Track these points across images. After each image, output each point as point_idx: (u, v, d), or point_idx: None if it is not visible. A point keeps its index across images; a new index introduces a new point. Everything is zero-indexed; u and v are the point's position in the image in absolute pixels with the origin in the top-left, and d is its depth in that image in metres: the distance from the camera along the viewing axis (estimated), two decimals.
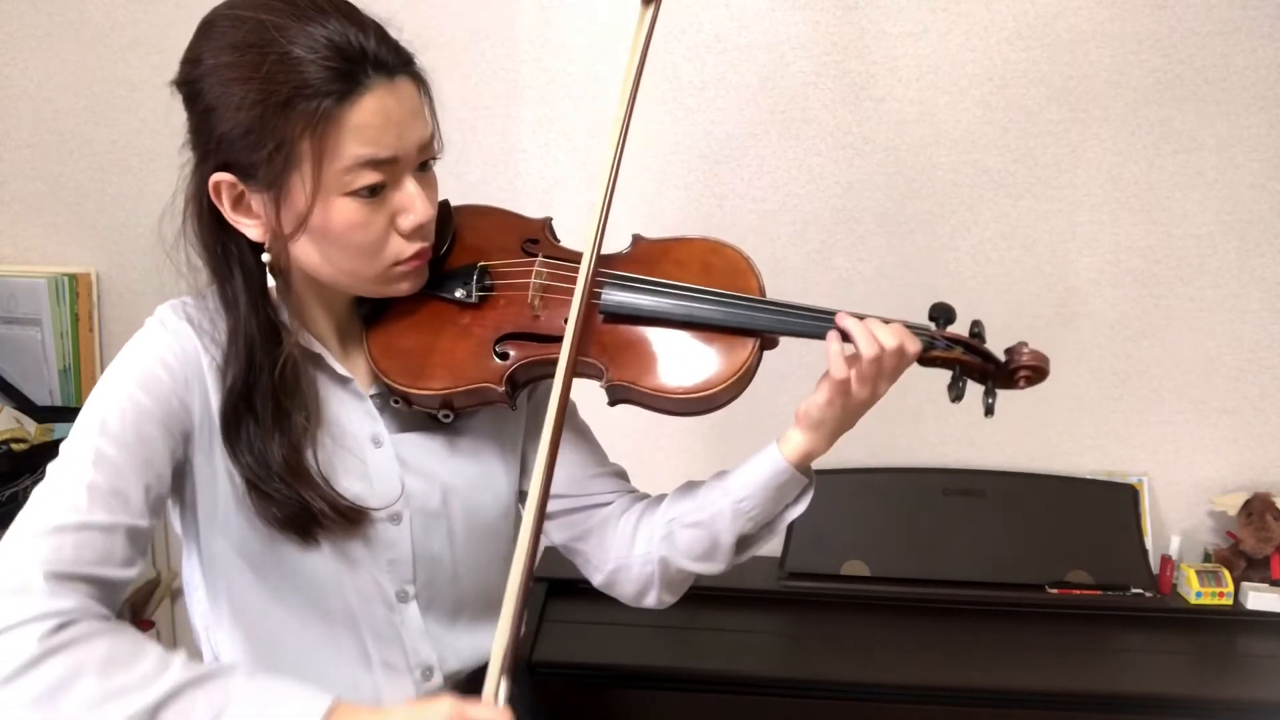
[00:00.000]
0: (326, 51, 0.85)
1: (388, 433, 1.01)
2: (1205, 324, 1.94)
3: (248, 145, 0.87)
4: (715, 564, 1.05)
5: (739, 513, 1.01)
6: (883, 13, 1.86)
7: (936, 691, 1.60)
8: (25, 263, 2.02)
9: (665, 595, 1.09)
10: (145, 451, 0.88)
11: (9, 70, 1.97)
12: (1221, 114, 1.86)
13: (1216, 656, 1.73)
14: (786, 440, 1.00)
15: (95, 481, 0.85)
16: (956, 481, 1.91)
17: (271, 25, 0.85)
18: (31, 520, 0.84)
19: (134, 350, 0.94)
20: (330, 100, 0.85)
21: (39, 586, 0.79)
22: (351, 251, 0.92)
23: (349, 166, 0.87)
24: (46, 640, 0.77)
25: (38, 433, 1.80)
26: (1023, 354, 1.02)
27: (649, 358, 0.97)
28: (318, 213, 0.89)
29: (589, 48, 1.90)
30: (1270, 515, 1.86)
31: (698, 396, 0.96)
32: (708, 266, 1.01)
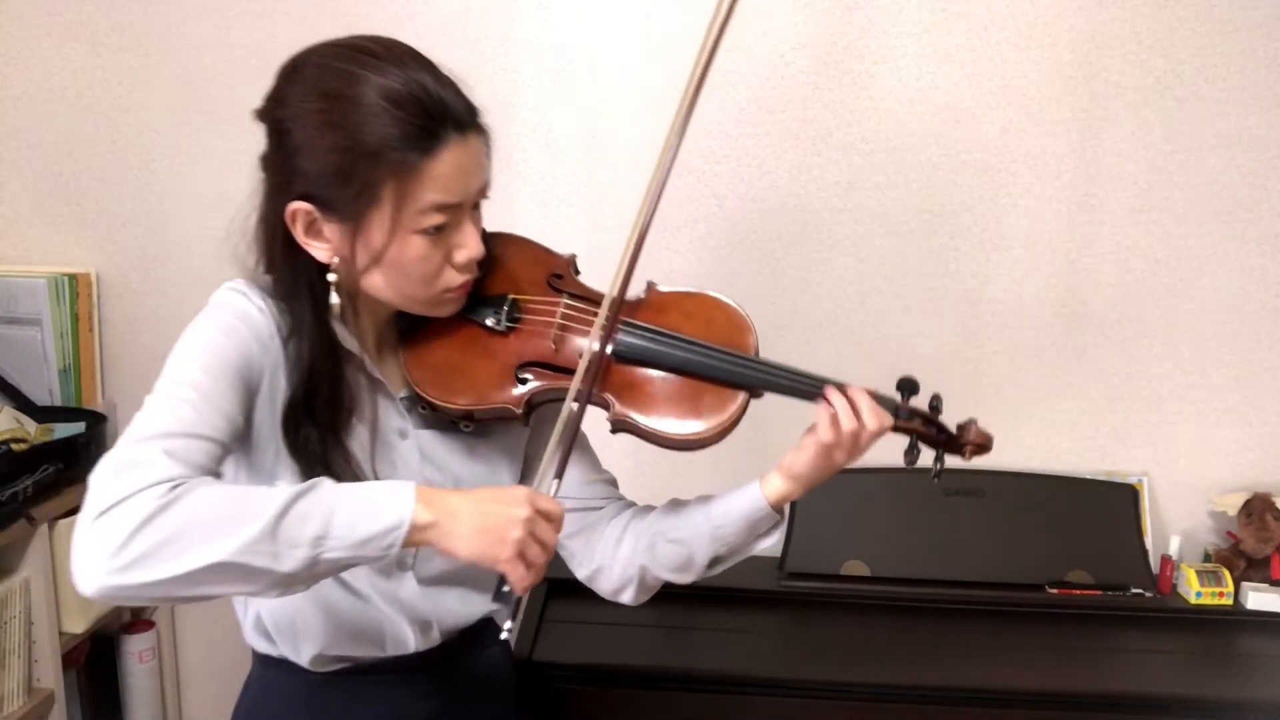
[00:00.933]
0: (413, 109, 0.96)
1: (413, 428, 1.12)
2: (1205, 324, 1.94)
3: (334, 184, 0.97)
4: (688, 576, 1.16)
5: (716, 538, 1.13)
6: (883, 13, 1.86)
7: (936, 691, 1.60)
8: (25, 263, 2.02)
9: (640, 595, 1.21)
10: (229, 385, 0.97)
11: (9, 70, 1.97)
12: (1221, 114, 1.86)
13: (1216, 656, 1.73)
14: (768, 483, 1.11)
15: (193, 400, 0.94)
16: (956, 481, 1.91)
17: (361, 78, 0.96)
18: (143, 426, 0.91)
19: (216, 308, 1.03)
20: (415, 154, 0.96)
21: (156, 460, 0.87)
22: (412, 279, 1.03)
23: (423, 209, 0.98)
24: (165, 496, 0.85)
25: (38, 433, 1.80)
26: (970, 431, 1.16)
27: (651, 400, 1.09)
28: (389, 246, 1.00)
29: (589, 48, 1.90)
30: (1270, 515, 1.86)
31: (688, 438, 1.08)
32: (711, 320, 1.13)
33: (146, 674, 2.08)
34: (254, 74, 1.02)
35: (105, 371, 2.07)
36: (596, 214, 1.95)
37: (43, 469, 1.74)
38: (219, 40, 1.93)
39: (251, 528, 0.85)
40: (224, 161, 1.98)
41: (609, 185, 1.95)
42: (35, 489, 1.73)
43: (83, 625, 1.84)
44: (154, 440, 0.89)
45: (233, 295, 1.04)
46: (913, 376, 1.16)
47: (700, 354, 1.09)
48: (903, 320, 1.97)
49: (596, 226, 1.95)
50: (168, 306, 2.04)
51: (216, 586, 0.86)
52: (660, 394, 1.09)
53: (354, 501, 0.90)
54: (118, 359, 2.07)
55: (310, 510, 0.88)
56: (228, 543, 0.84)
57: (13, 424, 1.75)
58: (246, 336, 1.01)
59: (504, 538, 0.92)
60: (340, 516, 0.88)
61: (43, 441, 1.78)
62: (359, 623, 1.11)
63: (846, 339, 1.98)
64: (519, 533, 0.93)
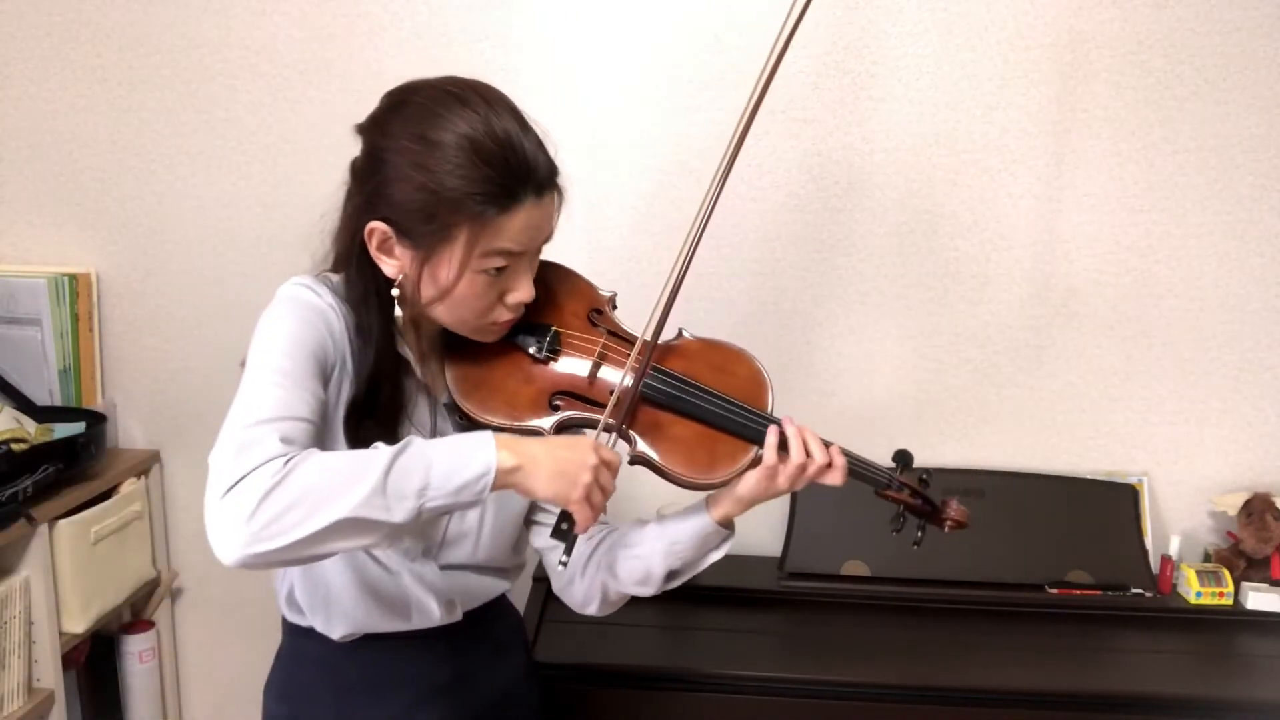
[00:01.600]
0: (500, 167, 1.03)
1: (446, 430, 1.20)
2: (1205, 324, 1.94)
3: (415, 218, 1.05)
4: (648, 588, 1.24)
5: (670, 553, 1.21)
6: (883, 13, 1.86)
7: (936, 691, 1.60)
8: (25, 263, 2.02)
9: (605, 608, 1.30)
10: (312, 372, 1.05)
11: (9, 70, 1.97)
12: (1221, 114, 1.86)
13: (1216, 656, 1.73)
14: (715, 504, 1.20)
15: (286, 385, 1.01)
16: (956, 481, 1.91)
17: (458, 131, 1.03)
18: (246, 414, 0.98)
19: (290, 302, 1.10)
20: (494, 209, 1.04)
21: (269, 440, 0.95)
22: (466, 309, 1.10)
23: (489, 253, 1.06)
24: (283, 470, 0.92)
25: (38, 433, 1.80)
26: (950, 508, 1.28)
27: (672, 443, 1.16)
28: (452, 280, 1.07)
29: (589, 48, 1.90)
30: (1270, 515, 1.86)
31: (700, 483, 1.16)
32: (734, 375, 1.21)
33: (146, 674, 2.08)
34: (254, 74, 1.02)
35: (105, 371, 2.07)
36: (597, 214, 1.95)
37: (43, 469, 1.74)
38: (219, 40, 1.93)
39: (364, 486, 0.93)
40: (224, 161, 1.98)
41: (609, 186, 1.95)
42: (35, 489, 1.73)
43: (83, 625, 1.84)
44: (264, 424, 0.97)
45: (303, 291, 1.11)
46: (907, 450, 1.28)
47: (721, 407, 1.17)
48: (903, 320, 1.97)
49: (597, 227, 1.95)
50: (168, 306, 2.04)
51: (342, 542, 0.94)
52: (681, 439, 1.16)
53: (447, 454, 0.98)
54: (118, 359, 2.07)
55: (411, 465, 0.96)
56: (345, 501, 0.92)
57: (13, 424, 1.75)
58: (321, 329, 1.08)
59: (576, 480, 1.02)
60: (437, 469, 0.96)
61: (43, 441, 1.78)
62: (388, 597, 1.19)
63: (846, 339, 1.98)
64: (589, 477, 1.03)
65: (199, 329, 2.04)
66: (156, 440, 2.10)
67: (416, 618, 1.21)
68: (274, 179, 1.97)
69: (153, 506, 2.07)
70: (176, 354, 2.06)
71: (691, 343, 1.24)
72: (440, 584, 1.21)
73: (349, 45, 1.90)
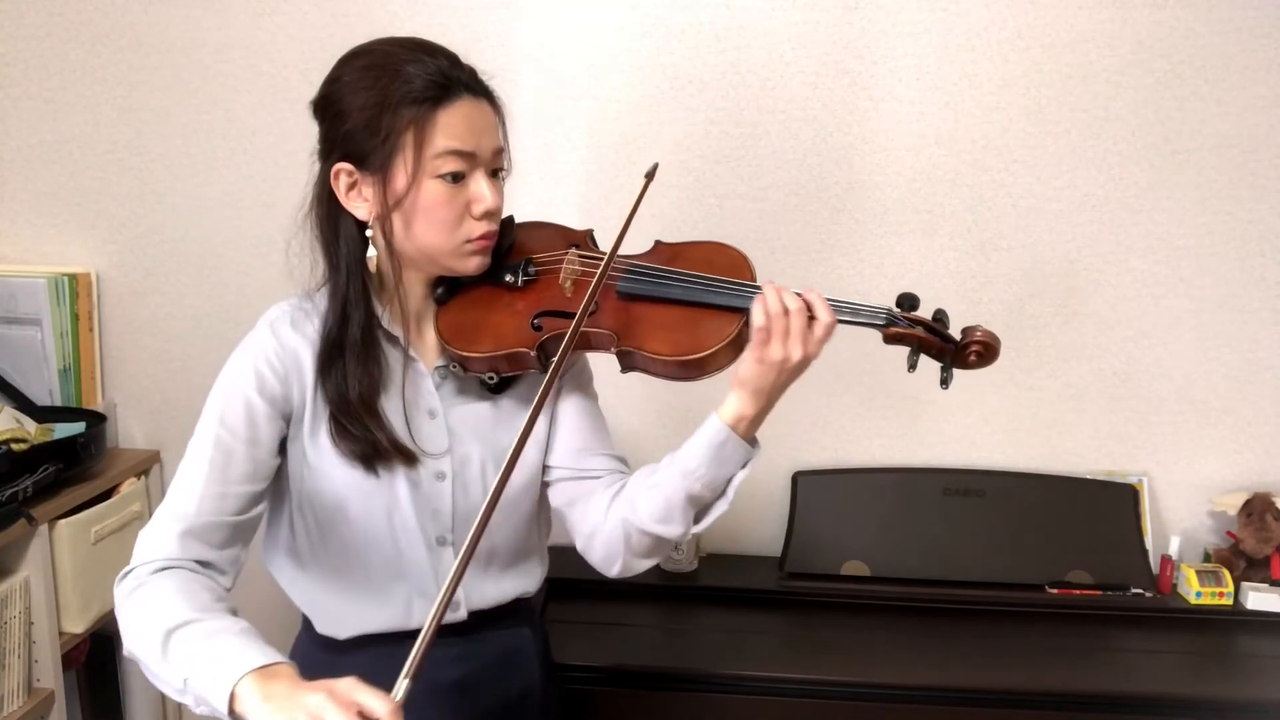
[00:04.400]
0: (432, 72, 1.11)
1: (442, 406, 1.21)
2: (1205, 324, 1.94)
3: (365, 136, 1.11)
4: (673, 526, 1.16)
5: (687, 473, 1.13)
6: (883, 13, 1.86)
7: (936, 691, 1.60)
8: (25, 263, 2.02)
9: (629, 560, 1.22)
10: (253, 433, 1.13)
11: (9, 70, 1.97)
12: (1221, 114, 1.86)
13: (1216, 656, 1.73)
14: (724, 405, 1.14)
15: (214, 459, 1.11)
16: (956, 481, 1.91)
17: (395, 55, 1.12)
18: (169, 494, 1.11)
19: (244, 353, 1.17)
20: (428, 104, 1.10)
21: (163, 536, 1.07)
22: (435, 226, 1.13)
23: (438, 153, 1.11)
24: (151, 577, 1.04)
25: (38, 433, 1.80)
26: (975, 332, 1.16)
27: (652, 328, 1.15)
28: (413, 191, 1.11)
29: (588, 48, 1.90)
30: (1270, 515, 1.86)
31: (686, 360, 1.12)
32: (711, 263, 1.19)
33: None
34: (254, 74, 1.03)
35: (105, 371, 2.07)
36: (597, 215, 1.95)
37: (43, 469, 1.74)
38: (219, 40, 1.93)
39: (149, 640, 0.99)
40: (224, 161, 1.98)
41: (609, 186, 1.95)
42: (35, 489, 1.73)
43: (83, 625, 1.84)
44: (172, 518, 1.09)
45: (259, 339, 1.17)
46: (913, 293, 1.19)
47: (697, 283, 1.16)
48: None
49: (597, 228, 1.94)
50: (168, 306, 2.04)
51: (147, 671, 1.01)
52: (661, 324, 1.15)
53: (207, 661, 0.96)
54: (118, 359, 2.07)
55: (184, 646, 0.98)
56: (137, 643, 1.00)
57: (13, 424, 1.75)
58: (269, 379, 1.14)
59: None
60: (198, 670, 0.96)
61: (43, 441, 1.78)
62: (386, 595, 1.20)
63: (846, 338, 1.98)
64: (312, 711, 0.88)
65: (199, 329, 2.04)
66: (156, 440, 2.10)
67: (417, 618, 1.20)
68: (274, 179, 1.97)
69: (153, 506, 2.06)
70: (176, 354, 2.06)
71: (668, 245, 1.25)
72: None
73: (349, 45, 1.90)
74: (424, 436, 1.19)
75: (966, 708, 1.59)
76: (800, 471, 1.95)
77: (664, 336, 1.14)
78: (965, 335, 1.16)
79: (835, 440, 2.02)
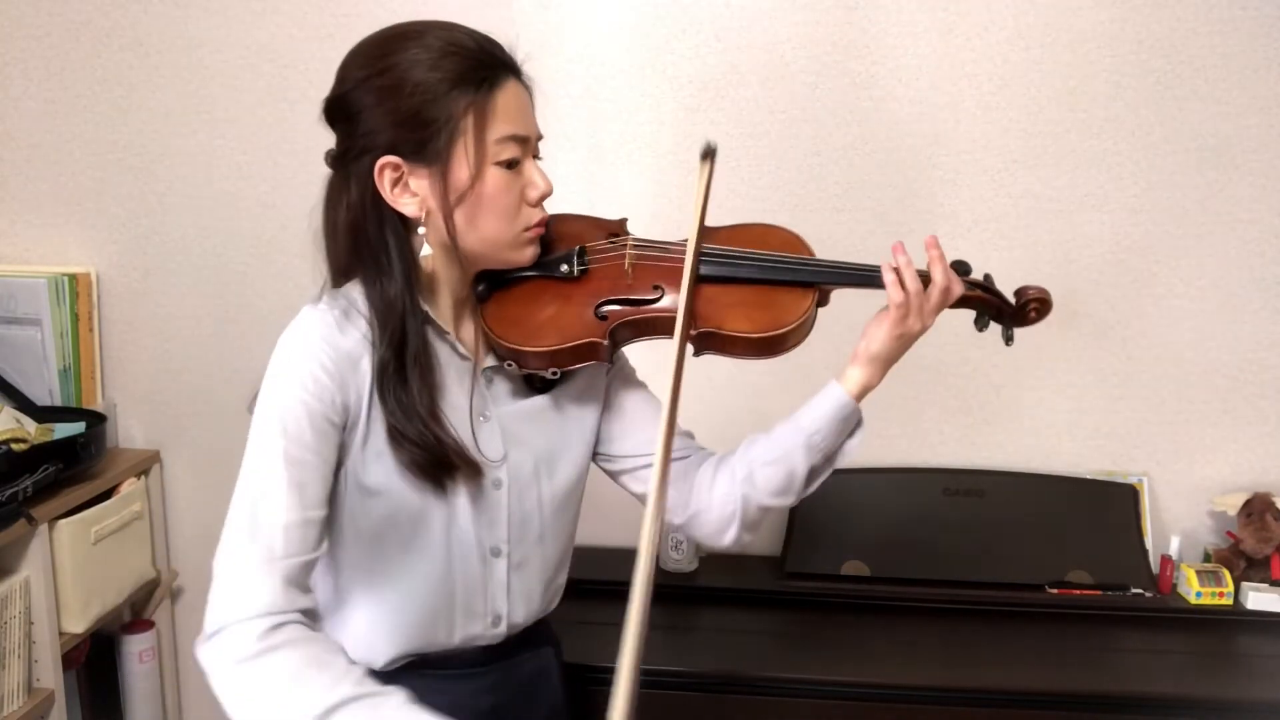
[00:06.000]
0: (477, 54, 1.06)
1: (494, 408, 1.16)
2: (1206, 324, 1.94)
3: (415, 130, 1.04)
4: (789, 497, 1.20)
5: (811, 446, 1.17)
6: (883, 13, 1.86)
7: (936, 691, 1.60)
8: (25, 263, 2.02)
9: (742, 532, 1.23)
10: (320, 445, 1.03)
11: (9, 70, 1.97)
12: (1221, 114, 1.86)
13: (1216, 656, 1.73)
14: (846, 377, 1.19)
15: (290, 479, 1.00)
16: (956, 481, 1.91)
17: (413, 40, 1.05)
18: (243, 520, 0.99)
19: (296, 358, 1.05)
20: (485, 86, 1.05)
21: (259, 583, 0.97)
22: (497, 215, 1.08)
23: (500, 139, 1.06)
24: (265, 639, 0.95)
25: (38, 433, 1.80)
26: (1029, 291, 1.26)
27: (728, 308, 1.16)
28: (473, 180, 1.06)
29: (589, 48, 1.90)
30: (1270, 515, 1.86)
31: (767, 337, 1.14)
32: (764, 242, 1.21)
33: (146, 674, 2.08)
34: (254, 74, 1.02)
35: (105, 371, 2.07)
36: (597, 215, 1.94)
37: (43, 469, 1.74)
38: (219, 40, 1.93)
39: (308, 708, 0.93)
40: (224, 161, 1.98)
41: (609, 186, 1.95)
42: (35, 489, 1.73)
43: (83, 625, 1.84)
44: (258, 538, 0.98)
45: (307, 342, 1.05)
46: (964, 261, 1.24)
47: (768, 262, 1.17)
48: None
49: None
50: (168, 306, 2.04)
51: None
52: (737, 303, 1.16)
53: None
54: (118, 359, 2.07)
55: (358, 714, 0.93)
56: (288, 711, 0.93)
57: (13, 424, 1.75)
58: (326, 384, 1.04)
59: None
60: None
61: (43, 441, 1.78)
62: (430, 613, 1.14)
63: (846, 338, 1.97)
64: None
65: (199, 329, 2.04)
66: (156, 440, 2.10)
67: (460, 635, 1.16)
68: (274, 179, 1.97)
69: (153, 506, 2.07)
70: (176, 354, 2.06)
71: (718, 229, 1.25)
72: (498, 594, 1.17)
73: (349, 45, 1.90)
74: (480, 442, 1.14)
75: (966, 708, 1.59)
76: None
77: (744, 314, 1.15)
78: (1020, 295, 1.26)
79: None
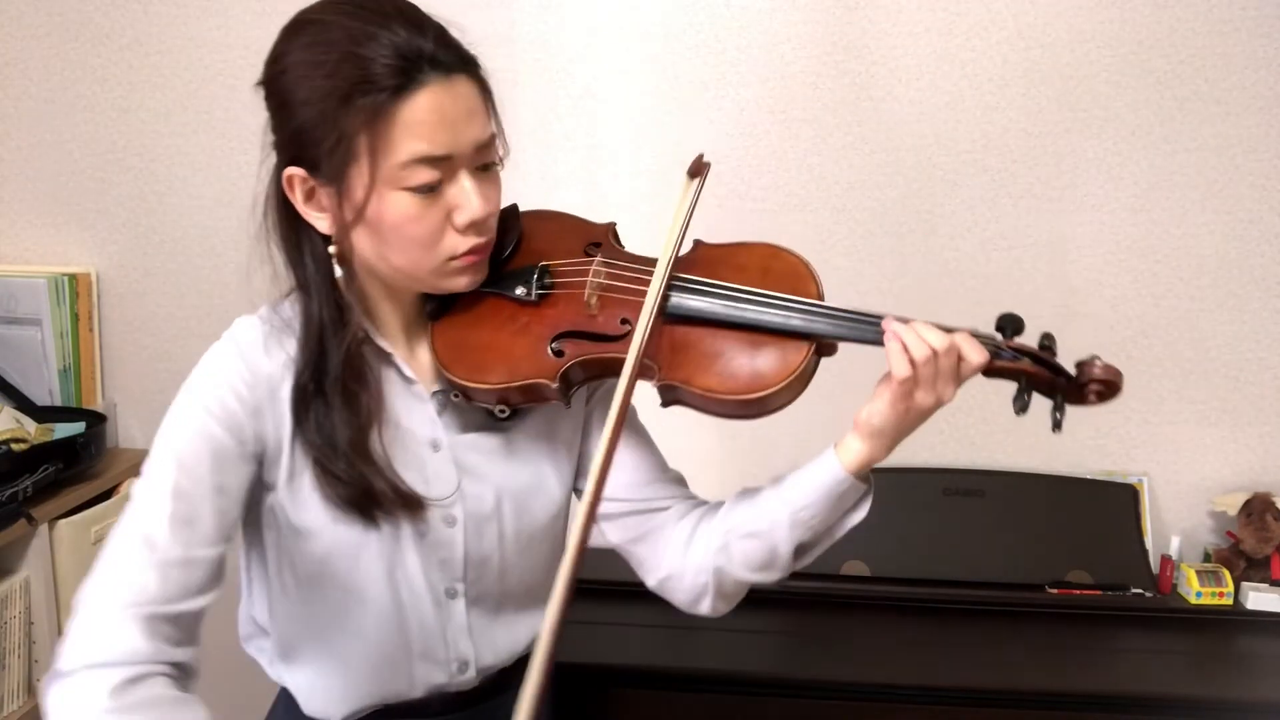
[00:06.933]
0: (387, 50, 0.87)
1: (446, 435, 1.02)
2: (1205, 324, 1.94)
3: (314, 139, 0.89)
4: (773, 573, 1.04)
5: (798, 522, 1.00)
6: (883, 13, 1.86)
7: (936, 691, 1.60)
8: (25, 263, 2.02)
9: (719, 604, 1.08)
10: (218, 479, 0.91)
11: (9, 70, 1.97)
12: (1221, 114, 1.86)
13: (1216, 656, 1.73)
14: (845, 448, 0.99)
15: (174, 512, 0.88)
16: (956, 481, 1.91)
17: (340, 27, 0.89)
18: (117, 554, 0.87)
19: (208, 377, 0.96)
20: (385, 95, 0.87)
21: (123, 626, 0.83)
22: (407, 245, 0.92)
23: (404, 162, 0.88)
24: (118, 695, 0.80)
25: (38, 433, 1.80)
26: (1095, 367, 1.01)
27: (702, 358, 0.96)
28: (373, 206, 0.90)
29: (589, 48, 1.90)
30: (1270, 515, 1.86)
31: (747, 399, 0.95)
32: (766, 271, 1.01)
33: None
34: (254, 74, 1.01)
35: (105, 371, 2.07)
36: (597, 215, 1.94)
37: (43, 469, 1.74)
38: (219, 40, 1.93)
39: None
40: (224, 161, 1.97)
41: (609, 186, 1.95)
42: (35, 489, 1.72)
43: None
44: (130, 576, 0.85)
45: (225, 361, 0.97)
46: (1016, 314, 1.04)
47: (753, 303, 0.96)
48: None
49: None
50: (168, 306, 2.04)
51: None
52: (712, 352, 0.96)
53: None
54: (118, 359, 2.07)
55: None
56: None
57: (13, 424, 1.75)
58: (236, 411, 0.93)
59: None
60: None
61: (43, 441, 1.78)
62: (384, 661, 1.03)
63: None
64: None
65: (199, 329, 2.04)
66: None
67: (421, 686, 1.04)
68: None
69: None
70: (176, 354, 2.06)
71: (713, 248, 1.05)
72: (460, 638, 1.04)
73: None
74: (429, 474, 1.00)
75: (966, 708, 1.59)
76: None
77: (716, 369, 0.95)
78: (1083, 370, 1.02)
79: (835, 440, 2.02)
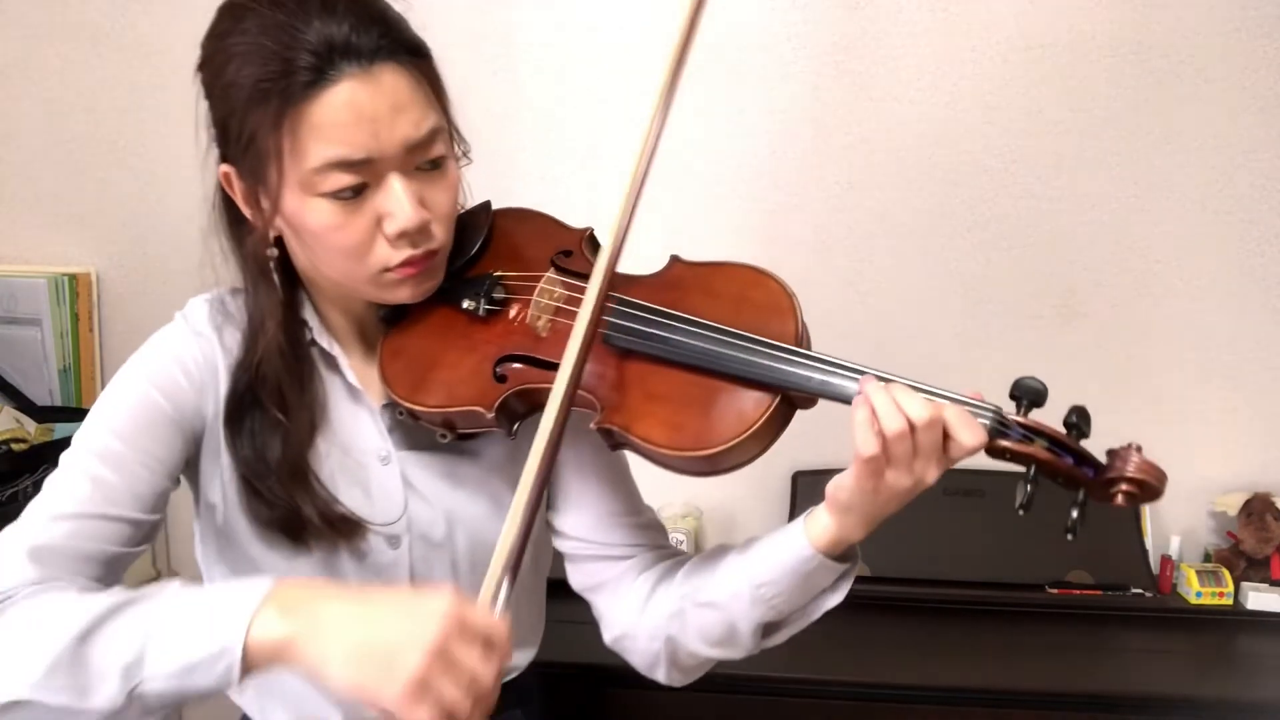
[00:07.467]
0: (295, 42, 0.78)
1: (396, 451, 0.95)
2: (1205, 324, 1.94)
3: (227, 136, 0.84)
4: (735, 650, 0.92)
5: (759, 599, 0.88)
6: (883, 13, 1.86)
7: (936, 691, 1.60)
8: (25, 263, 2.02)
9: (675, 675, 0.98)
10: (154, 448, 0.87)
11: (9, 70, 1.97)
12: (1221, 114, 1.86)
13: (1216, 656, 1.73)
14: (814, 521, 0.85)
15: (100, 475, 0.84)
16: (956, 481, 1.89)
17: (256, 15, 0.80)
18: (37, 506, 0.84)
19: (157, 348, 0.93)
20: (294, 93, 0.78)
21: (16, 561, 0.78)
22: (332, 256, 0.85)
23: (317, 168, 0.80)
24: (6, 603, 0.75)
25: (38, 433, 1.80)
26: (1129, 461, 0.79)
27: (645, 401, 0.83)
28: (294, 212, 0.82)
29: (589, 48, 1.90)
30: (1270, 515, 1.86)
31: (691, 455, 0.81)
32: (741, 301, 0.87)
33: None
34: None
35: (105, 371, 2.07)
36: (598, 215, 1.94)
37: (43, 469, 1.74)
38: None
39: (48, 654, 0.68)
40: None
41: (609, 186, 1.94)
42: (35, 489, 1.72)
43: None
44: (41, 524, 0.80)
45: (176, 334, 0.94)
46: (1037, 381, 0.84)
47: (712, 342, 0.82)
48: (903, 321, 1.96)
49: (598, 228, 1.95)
50: (168, 306, 2.04)
51: None
52: (664, 395, 0.83)
53: (181, 618, 0.70)
54: (118, 359, 2.05)
55: (124, 631, 0.69)
56: (23, 674, 0.68)
57: (13, 424, 1.75)
58: (181, 385, 0.89)
59: (395, 664, 0.65)
60: (158, 639, 0.69)
61: (43, 441, 1.78)
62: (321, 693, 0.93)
63: (846, 339, 1.96)
64: (421, 660, 0.65)
65: None
66: None
67: None
68: None
69: None
70: None
71: (686, 267, 0.92)
72: None
73: None
74: (374, 490, 0.93)
75: (966, 708, 1.59)
76: (800, 471, 1.95)
77: (662, 417, 0.82)
78: (1115, 463, 0.81)
79: (835, 440, 2.01)
